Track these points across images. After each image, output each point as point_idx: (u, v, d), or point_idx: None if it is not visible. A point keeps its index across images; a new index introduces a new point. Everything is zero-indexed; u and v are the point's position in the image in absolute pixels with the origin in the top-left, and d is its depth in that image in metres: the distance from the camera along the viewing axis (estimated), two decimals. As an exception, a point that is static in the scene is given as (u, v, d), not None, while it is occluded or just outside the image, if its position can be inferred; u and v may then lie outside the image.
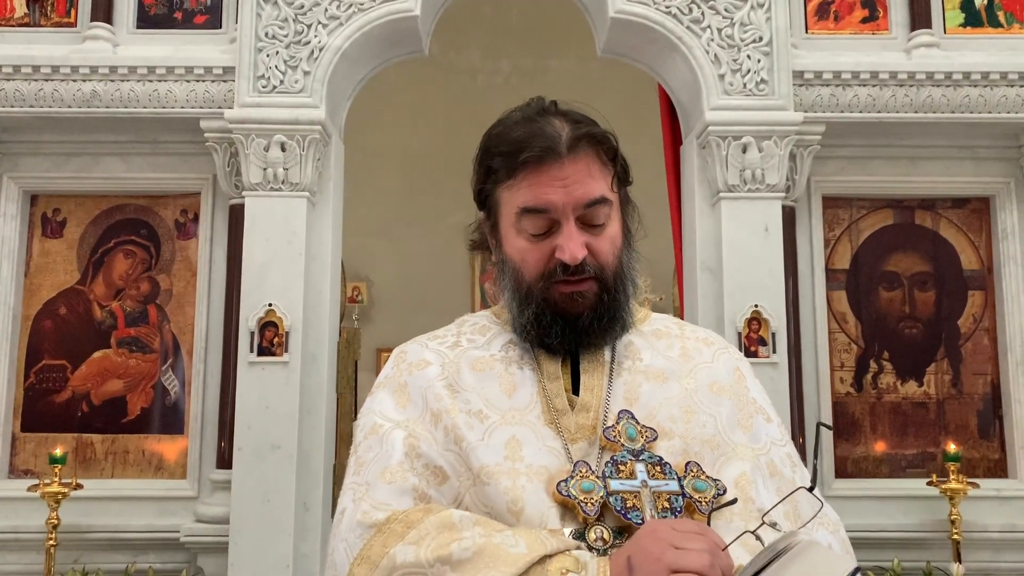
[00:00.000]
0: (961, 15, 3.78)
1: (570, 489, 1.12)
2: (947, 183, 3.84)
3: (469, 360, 1.30)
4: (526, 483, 1.14)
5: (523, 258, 1.26)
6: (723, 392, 1.29)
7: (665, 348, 1.34)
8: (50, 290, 3.76)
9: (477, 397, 1.24)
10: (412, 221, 8.42)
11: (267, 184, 3.48)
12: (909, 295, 3.83)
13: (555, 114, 1.27)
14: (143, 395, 3.70)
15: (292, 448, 3.36)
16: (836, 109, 3.62)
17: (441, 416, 1.23)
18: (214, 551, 3.41)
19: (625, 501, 1.12)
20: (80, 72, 3.56)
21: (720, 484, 1.16)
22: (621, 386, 1.26)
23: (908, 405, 3.76)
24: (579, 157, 1.23)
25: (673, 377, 1.29)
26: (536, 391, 1.25)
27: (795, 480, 1.25)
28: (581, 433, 1.21)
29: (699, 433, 1.23)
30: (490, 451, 1.17)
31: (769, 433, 1.29)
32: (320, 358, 3.53)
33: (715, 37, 3.55)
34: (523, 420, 1.21)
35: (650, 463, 1.16)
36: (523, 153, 1.22)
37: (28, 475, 3.62)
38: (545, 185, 1.21)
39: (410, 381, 1.29)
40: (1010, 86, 3.61)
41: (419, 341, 1.39)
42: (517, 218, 1.24)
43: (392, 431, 1.23)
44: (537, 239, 1.24)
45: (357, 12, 3.56)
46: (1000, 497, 3.62)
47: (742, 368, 1.38)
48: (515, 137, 1.24)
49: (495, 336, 1.35)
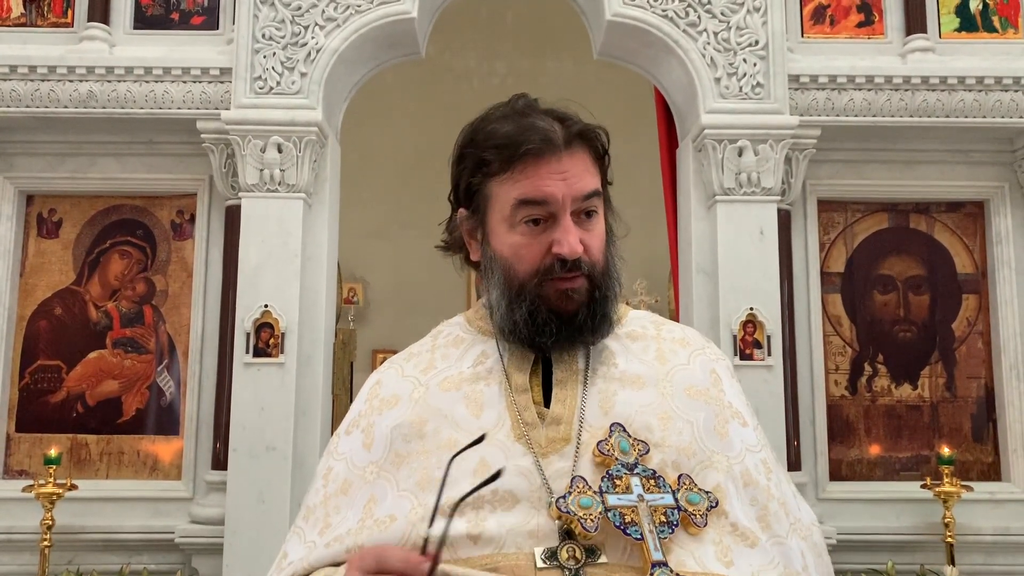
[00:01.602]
0: (956, 20, 3.80)
1: (568, 506, 1.10)
2: (942, 187, 3.86)
3: (438, 382, 1.28)
4: (488, 513, 1.12)
5: (516, 254, 1.24)
6: (699, 396, 1.26)
7: (640, 351, 1.31)
8: (45, 290, 3.76)
9: (446, 424, 1.22)
10: (408, 223, 8.41)
11: (263, 185, 3.48)
12: (904, 298, 3.84)
13: (543, 112, 1.26)
14: (138, 396, 3.70)
15: (287, 449, 3.36)
16: (832, 113, 3.64)
17: (407, 457, 1.21)
18: (209, 552, 3.41)
19: (623, 516, 1.10)
20: (76, 72, 3.56)
21: (712, 496, 1.15)
22: (595, 395, 1.23)
23: (902, 408, 3.77)
24: (575, 152, 1.23)
25: (649, 382, 1.26)
26: (504, 406, 1.23)
27: (770, 488, 1.23)
28: (553, 447, 1.18)
29: (676, 441, 1.20)
30: (456, 485, 1.11)
31: (744, 439, 1.26)
32: (316, 359, 3.53)
33: (711, 40, 3.56)
34: (491, 440, 1.18)
35: (644, 476, 1.14)
36: (522, 146, 1.20)
37: (22, 476, 3.62)
38: (545, 177, 1.20)
39: (377, 422, 1.28)
40: (1004, 91, 3.62)
41: (396, 364, 1.37)
42: (513, 211, 1.22)
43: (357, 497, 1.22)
44: (532, 233, 1.22)
45: (354, 14, 3.57)
46: (993, 500, 3.63)
47: (718, 370, 1.33)
48: (508, 131, 1.23)
49: (468, 349, 1.33)
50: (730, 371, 1.37)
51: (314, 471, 3.69)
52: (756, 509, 1.19)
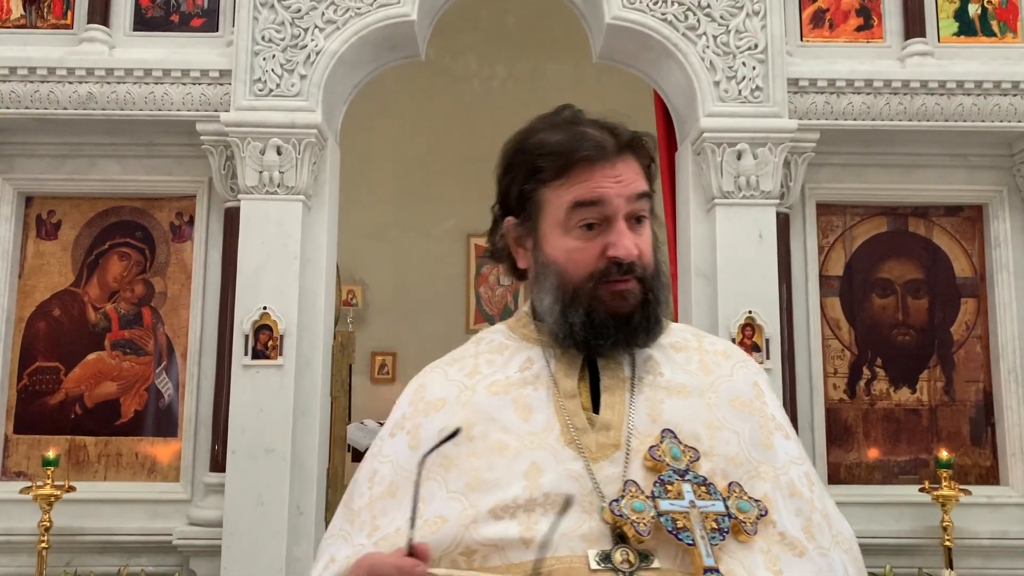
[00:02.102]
0: (955, 24, 3.81)
1: (622, 509, 1.11)
2: (940, 191, 3.86)
3: (486, 386, 1.28)
4: (540, 516, 1.13)
5: (570, 258, 1.25)
6: (744, 408, 1.28)
7: (684, 362, 1.32)
8: (44, 292, 3.75)
9: (494, 427, 1.22)
10: (407, 225, 8.42)
11: (263, 187, 3.48)
12: (902, 302, 3.84)
13: (589, 123, 1.29)
14: (137, 397, 3.69)
15: (286, 451, 3.36)
16: (831, 116, 3.64)
17: (455, 460, 1.20)
18: (207, 554, 3.40)
19: (675, 521, 1.11)
20: (76, 74, 3.56)
21: (761, 505, 1.16)
22: (643, 402, 1.25)
23: (901, 412, 3.77)
24: (626, 159, 1.27)
25: (695, 392, 1.27)
26: (552, 411, 1.23)
27: (813, 500, 1.24)
28: (603, 452, 1.19)
29: (723, 450, 1.21)
30: (509, 487, 1.15)
31: (788, 451, 1.28)
32: (314, 361, 3.53)
33: (710, 44, 3.57)
34: (542, 444, 1.19)
35: (695, 483, 1.15)
36: (577, 152, 1.23)
37: (20, 477, 3.61)
38: (599, 179, 1.23)
39: (424, 424, 1.27)
40: (1003, 95, 3.63)
41: (439, 368, 1.36)
42: (568, 214, 1.24)
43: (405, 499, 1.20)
44: (587, 237, 1.24)
45: (354, 16, 3.57)
46: (992, 504, 3.63)
47: (760, 383, 1.35)
48: (560, 139, 1.26)
49: (512, 355, 1.33)
50: (769, 384, 1.39)
51: (312, 473, 3.67)
52: (801, 520, 1.20)
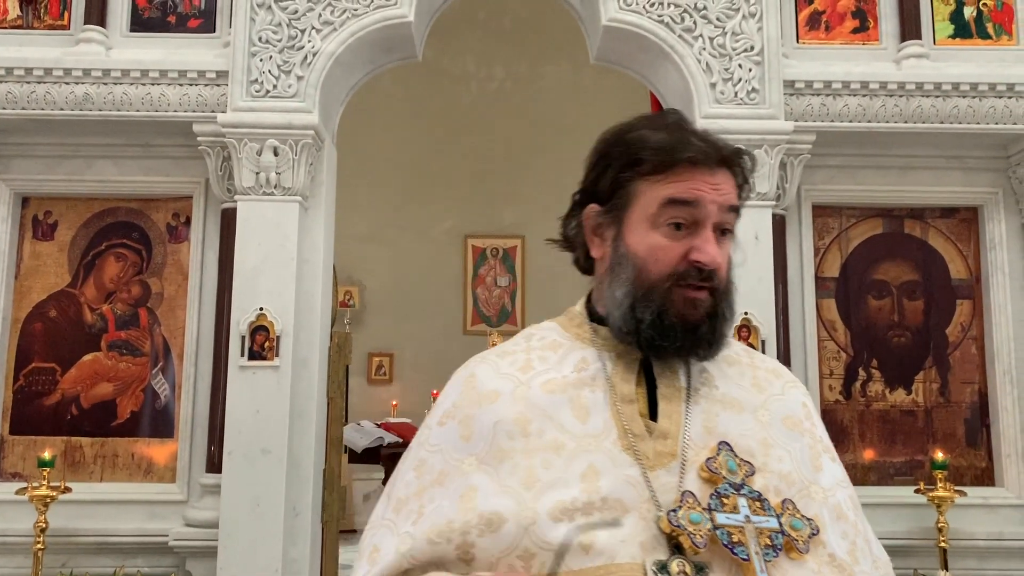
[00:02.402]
0: (951, 27, 3.82)
1: (679, 520, 1.11)
2: (936, 193, 3.87)
3: (541, 383, 1.26)
4: (599, 519, 1.12)
5: (652, 254, 1.24)
6: (795, 428, 1.29)
7: (737, 376, 1.32)
8: (40, 293, 3.75)
9: (551, 425, 1.21)
10: (404, 226, 8.43)
11: (259, 188, 3.48)
12: (898, 304, 3.85)
13: (691, 130, 1.29)
14: (133, 398, 3.69)
15: (282, 452, 3.36)
16: (826, 118, 3.65)
17: (510, 455, 1.19)
18: (203, 555, 3.40)
19: (731, 535, 1.11)
20: (73, 75, 3.56)
21: (814, 524, 1.16)
22: (699, 414, 1.24)
23: (896, 413, 3.78)
24: (726, 171, 1.26)
25: (748, 408, 1.28)
26: (610, 415, 1.22)
27: (857, 524, 1.26)
28: (660, 461, 1.19)
29: (777, 467, 1.22)
30: (566, 488, 1.14)
31: (835, 474, 1.29)
32: (311, 362, 3.53)
33: (707, 46, 3.58)
34: (599, 447, 1.18)
35: (751, 498, 1.15)
36: (682, 152, 1.23)
37: (16, 478, 3.61)
38: (698, 182, 1.23)
39: (477, 414, 1.25)
40: (999, 97, 3.64)
41: (489, 361, 1.33)
42: (660, 210, 1.23)
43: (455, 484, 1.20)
44: (673, 236, 1.23)
45: (351, 17, 3.57)
46: (987, 505, 3.64)
47: (808, 404, 1.36)
48: (664, 137, 1.26)
49: (567, 353, 1.31)
50: (815, 406, 1.39)
51: (308, 474, 3.66)
52: (847, 543, 1.21)
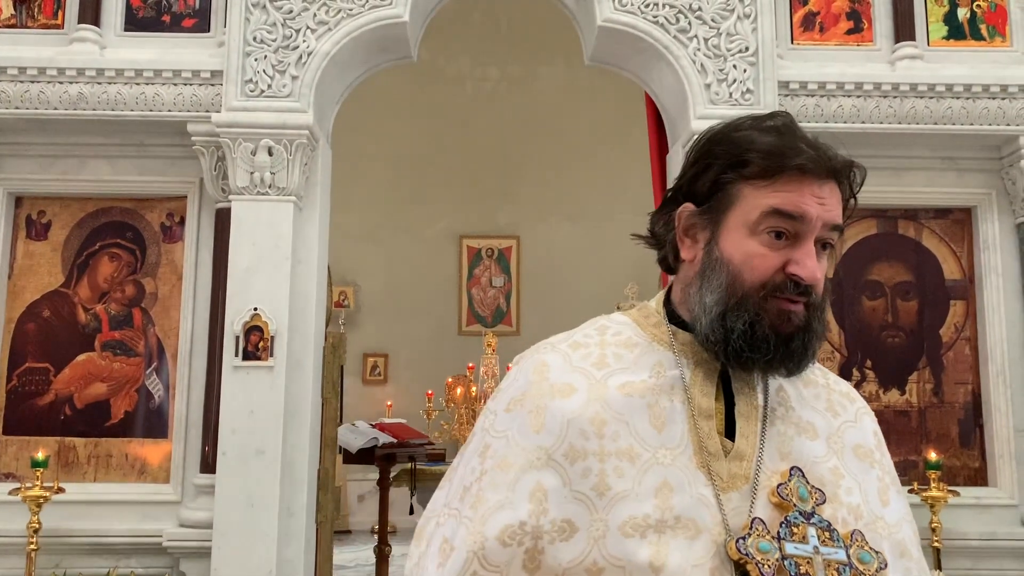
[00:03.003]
0: (944, 28, 3.83)
1: (748, 548, 1.08)
2: (930, 194, 3.88)
3: (617, 384, 1.21)
4: (670, 539, 1.10)
5: (749, 262, 1.19)
6: (866, 458, 1.25)
7: (813, 399, 1.28)
8: (34, 292, 3.74)
9: (626, 431, 1.17)
10: (399, 226, 8.42)
11: (254, 188, 3.48)
12: (892, 304, 3.86)
13: (801, 136, 1.25)
14: (127, 399, 3.68)
15: (276, 453, 3.35)
16: (821, 119, 3.66)
17: (583, 456, 1.15)
18: (197, 556, 3.40)
19: (799, 566, 1.08)
20: (67, 74, 3.55)
21: (882, 558, 1.13)
22: (775, 436, 1.21)
23: (890, 413, 3.79)
24: (834, 183, 1.22)
25: (822, 435, 1.24)
26: (687, 428, 1.18)
27: (921, 559, 1.23)
28: (733, 483, 1.15)
29: (846, 500, 1.18)
30: (638, 501, 1.11)
31: (899, 509, 1.25)
32: (305, 363, 3.53)
33: (701, 47, 3.58)
34: (674, 461, 1.15)
35: (820, 528, 1.12)
36: (793, 159, 1.19)
37: (9, 479, 3.60)
38: (806, 195, 1.19)
39: (551, 406, 1.19)
40: (992, 98, 3.65)
41: (560, 351, 1.27)
42: (761, 218, 1.19)
43: (522, 477, 1.16)
44: (773, 246, 1.19)
45: (346, 17, 3.57)
46: (980, 505, 3.65)
47: (878, 433, 1.32)
48: (774, 141, 1.22)
49: (643, 354, 1.25)
50: (881, 434, 1.35)
51: (302, 474, 3.65)
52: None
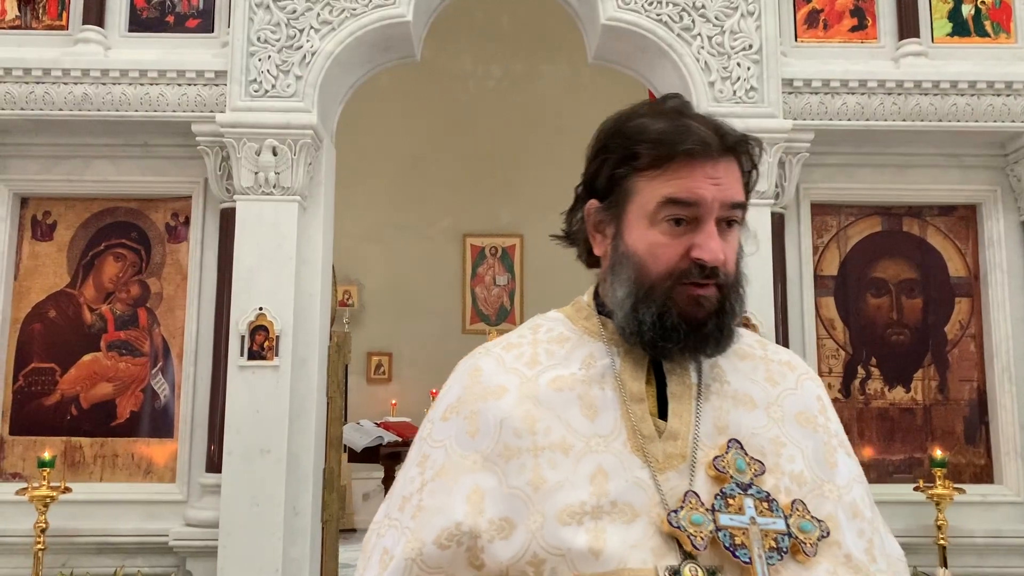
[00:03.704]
0: (949, 25, 3.82)
1: (680, 520, 1.08)
2: (934, 191, 3.88)
3: (548, 379, 1.22)
4: (608, 524, 1.10)
5: (652, 252, 1.19)
6: (808, 424, 1.24)
7: (750, 371, 1.27)
8: (40, 293, 3.75)
9: (558, 424, 1.17)
10: (403, 225, 8.42)
11: (258, 188, 3.48)
12: (897, 302, 3.85)
13: (695, 117, 1.23)
14: (132, 398, 3.69)
15: (282, 452, 3.36)
16: (825, 117, 3.65)
17: (517, 453, 1.16)
18: (203, 555, 3.41)
19: (733, 538, 1.07)
20: (71, 75, 3.56)
21: (824, 526, 1.12)
22: (710, 411, 1.20)
23: (895, 411, 3.78)
24: (730, 160, 1.22)
25: (760, 405, 1.23)
26: (619, 415, 1.18)
27: (874, 520, 1.22)
28: (670, 462, 1.15)
29: (788, 467, 1.17)
30: (573, 490, 1.11)
31: (850, 470, 1.24)
32: (310, 362, 3.53)
33: (705, 45, 3.58)
34: (608, 447, 1.15)
35: (758, 498, 1.12)
36: (680, 145, 1.18)
37: (16, 479, 3.61)
38: (698, 179, 1.18)
39: (483, 409, 1.21)
40: (997, 95, 3.64)
41: (494, 354, 1.28)
42: (658, 208, 1.18)
43: (459, 481, 1.17)
44: (674, 234, 1.19)
45: (349, 17, 3.57)
46: (986, 503, 3.64)
47: (823, 397, 1.30)
48: (663, 128, 1.20)
49: (574, 348, 1.26)
50: (829, 399, 1.33)
51: (308, 473, 3.66)
52: (863, 542, 1.18)
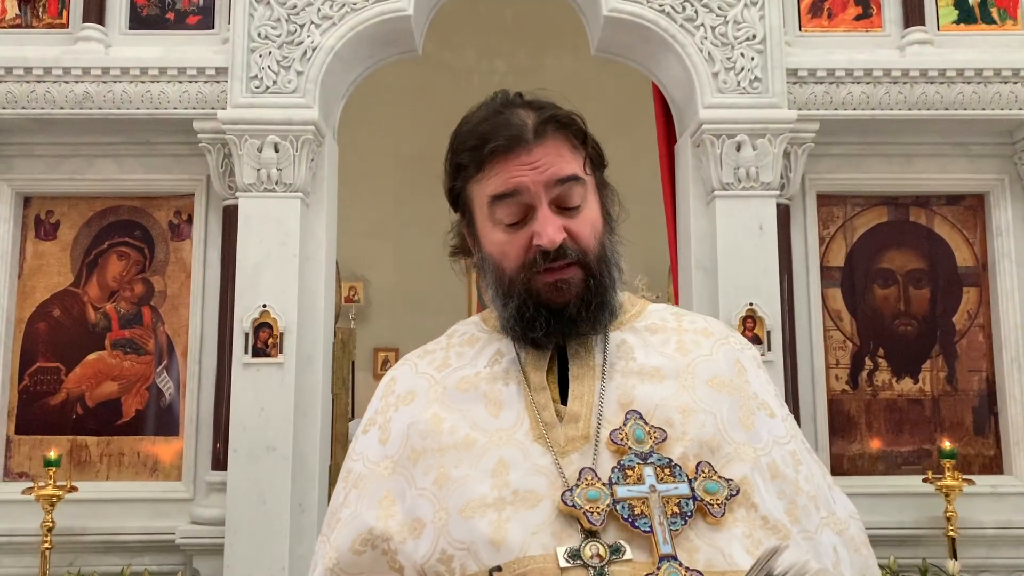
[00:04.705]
0: (954, 12, 3.79)
1: (575, 499, 1.07)
2: (941, 180, 3.85)
3: (455, 381, 1.25)
4: (511, 513, 1.09)
5: (502, 251, 1.22)
6: (723, 388, 1.22)
7: (660, 344, 1.27)
8: (44, 292, 3.75)
9: (464, 423, 1.19)
10: (408, 221, 8.40)
11: (260, 185, 3.47)
12: (904, 292, 3.83)
13: (521, 105, 1.25)
14: (138, 397, 3.69)
15: (287, 449, 3.35)
16: (830, 107, 3.63)
17: (423, 454, 1.18)
18: (210, 553, 3.40)
19: (632, 508, 1.07)
20: (72, 73, 3.55)
21: (733, 484, 1.11)
22: (613, 390, 1.20)
23: (904, 402, 3.76)
24: (547, 141, 1.21)
25: (670, 375, 1.22)
26: (523, 406, 1.20)
27: (799, 481, 1.19)
28: (572, 445, 1.15)
29: (698, 434, 1.16)
30: (476, 484, 1.12)
31: (772, 430, 1.22)
32: (315, 359, 3.52)
33: (709, 35, 3.55)
34: (510, 440, 1.15)
35: (659, 466, 1.11)
36: (489, 144, 1.20)
37: (23, 478, 3.61)
38: (513, 170, 1.19)
39: (395, 417, 1.26)
40: (1003, 83, 3.61)
41: (409, 362, 1.34)
42: (490, 209, 1.21)
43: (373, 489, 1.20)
44: (513, 229, 1.21)
45: (350, 12, 3.55)
46: (995, 494, 3.62)
47: (743, 360, 1.29)
48: (481, 131, 1.22)
49: (483, 348, 1.30)
50: (756, 361, 1.32)
51: (314, 470, 3.67)
52: (784, 503, 1.15)
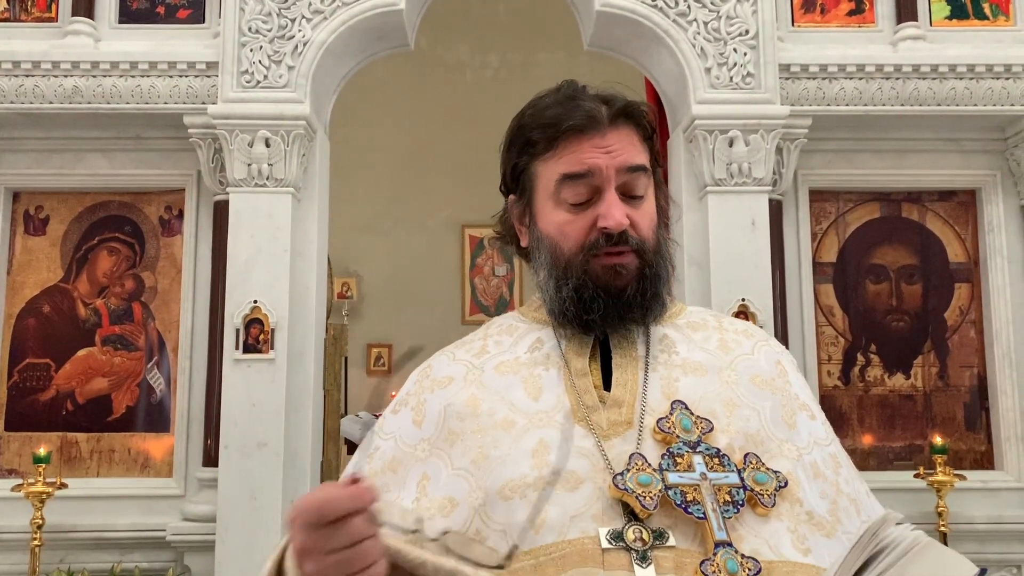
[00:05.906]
0: (947, 8, 3.79)
1: (627, 483, 1.07)
2: (934, 176, 3.85)
3: (494, 365, 1.25)
4: (550, 494, 1.08)
5: (562, 231, 1.22)
6: (765, 386, 1.24)
7: (702, 340, 1.28)
8: (33, 288, 3.72)
9: (503, 405, 1.19)
10: (401, 216, 8.39)
11: (251, 180, 3.45)
12: (896, 288, 3.84)
13: (589, 97, 1.26)
14: (128, 393, 3.67)
15: (279, 446, 3.34)
16: (822, 102, 3.62)
17: (461, 435, 1.18)
18: (201, 550, 3.39)
19: (685, 495, 1.07)
20: (61, 67, 3.52)
21: (781, 476, 1.11)
22: (657, 380, 1.20)
23: (895, 398, 3.77)
24: (620, 129, 1.23)
25: (712, 370, 1.23)
26: (563, 390, 1.20)
27: (839, 483, 1.20)
28: (614, 430, 1.15)
29: (742, 427, 1.17)
30: (515, 464, 1.11)
31: (812, 431, 1.23)
32: (307, 355, 3.51)
33: (701, 30, 3.54)
34: (551, 421, 1.16)
35: (707, 455, 1.11)
36: (565, 123, 1.21)
37: (12, 475, 3.59)
38: (587, 151, 1.20)
39: (430, 399, 1.25)
40: (996, 78, 3.61)
41: (447, 352, 1.34)
42: (557, 187, 1.22)
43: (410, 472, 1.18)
44: (578, 209, 1.21)
45: (341, 6, 3.53)
46: (987, 489, 3.63)
47: (784, 362, 1.31)
48: (553, 112, 1.24)
49: (522, 336, 1.30)
50: (794, 365, 1.34)
51: (305, 467, 3.65)
52: (827, 503, 1.16)
